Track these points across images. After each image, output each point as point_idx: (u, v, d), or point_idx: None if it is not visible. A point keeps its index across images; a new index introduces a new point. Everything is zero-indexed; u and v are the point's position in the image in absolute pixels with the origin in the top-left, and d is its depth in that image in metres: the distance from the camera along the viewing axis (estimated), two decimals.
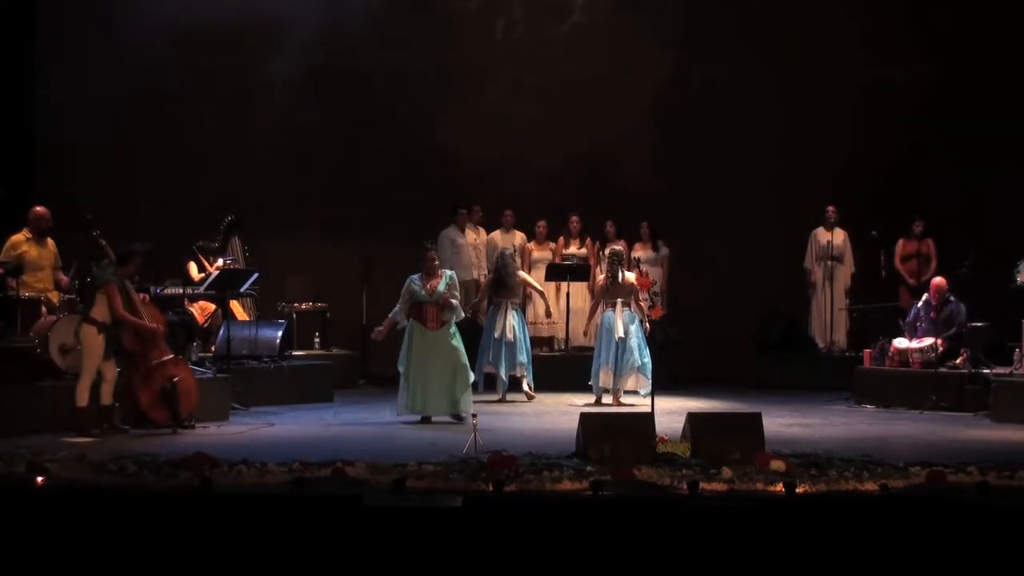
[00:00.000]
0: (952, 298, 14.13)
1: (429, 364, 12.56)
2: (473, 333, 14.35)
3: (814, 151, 17.22)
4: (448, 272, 12.96)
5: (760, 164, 17.42)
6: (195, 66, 16.89)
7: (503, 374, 14.10)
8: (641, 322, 13.74)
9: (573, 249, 16.44)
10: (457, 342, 12.72)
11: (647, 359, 13.66)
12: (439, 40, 17.75)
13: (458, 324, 12.90)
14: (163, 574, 7.98)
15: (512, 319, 14.14)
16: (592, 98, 17.66)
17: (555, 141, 17.35)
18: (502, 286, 14.27)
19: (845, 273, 16.62)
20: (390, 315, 12.85)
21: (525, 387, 14.23)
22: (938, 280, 14.40)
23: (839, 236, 16.60)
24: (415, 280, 12.77)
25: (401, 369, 12.69)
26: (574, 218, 16.53)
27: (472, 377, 12.84)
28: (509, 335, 14.05)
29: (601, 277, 14.24)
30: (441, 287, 12.68)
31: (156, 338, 11.70)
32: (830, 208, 16.58)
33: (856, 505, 8.50)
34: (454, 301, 12.70)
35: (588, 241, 16.52)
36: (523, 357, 14.16)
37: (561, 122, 17.48)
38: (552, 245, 16.53)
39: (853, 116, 17.21)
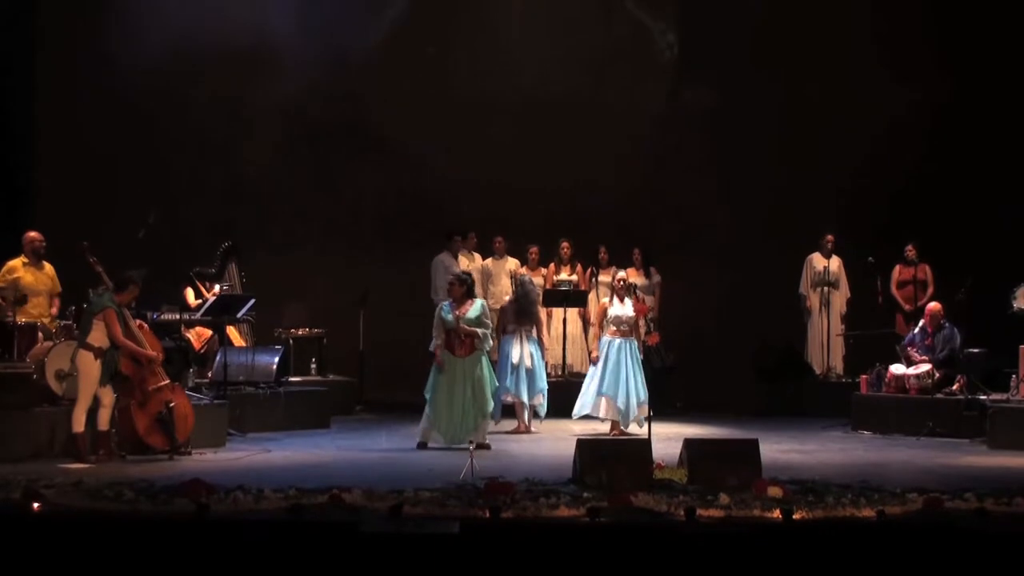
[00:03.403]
0: (946, 323, 14.14)
1: (455, 392, 12.50)
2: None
3: (811, 177, 17.26)
4: (479, 301, 12.94)
5: (756, 189, 17.45)
6: (192, 92, 16.92)
7: (527, 401, 13.92)
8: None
9: (564, 275, 16.44)
10: (485, 371, 12.68)
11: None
12: (434, 68, 17.82)
13: None
14: None
15: (529, 346, 14.00)
16: (587, 123, 17.72)
17: (549, 167, 17.40)
18: (524, 314, 14.07)
19: (841, 299, 16.62)
20: (432, 348, 12.79)
21: (535, 416, 14.07)
22: (933, 305, 14.42)
23: (835, 262, 16.63)
24: (445, 308, 12.76)
25: (427, 396, 12.64)
26: (564, 244, 16.53)
27: (492, 408, 12.81)
28: (528, 362, 13.88)
29: (604, 302, 14.11)
30: (471, 315, 12.65)
31: (153, 364, 11.70)
32: (829, 237, 16.56)
33: (853, 532, 8.49)
34: (481, 331, 12.64)
35: (579, 267, 16.53)
36: (543, 384, 13.99)
37: (555, 148, 17.53)
38: (544, 271, 16.52)
39: (851, 142, 17.23)
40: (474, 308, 12.72)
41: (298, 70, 17.19)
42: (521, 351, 13.88)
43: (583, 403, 13.60)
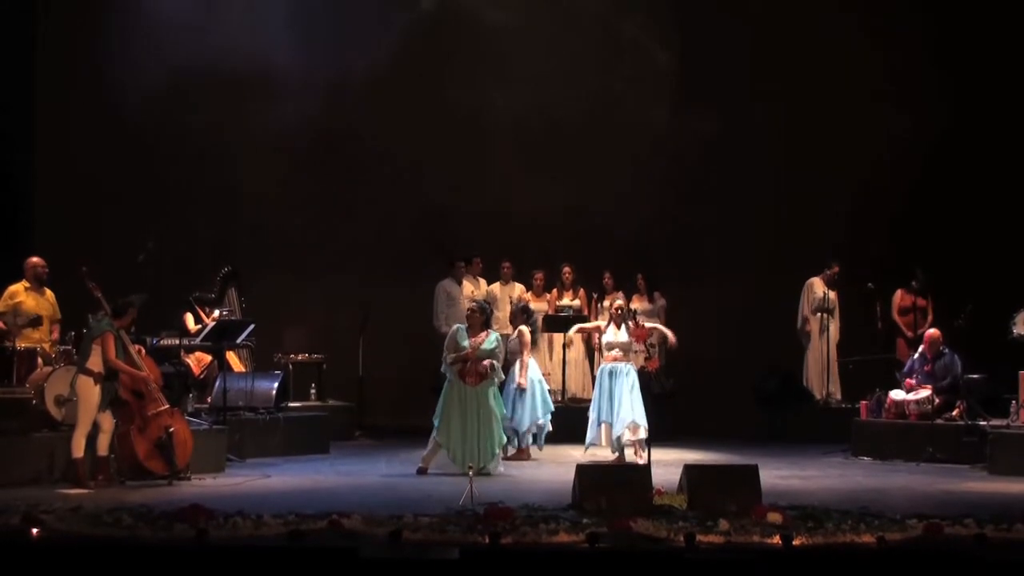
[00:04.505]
0: (946, 350, 14.13)
1: (467, 419, 12.47)
2: None
3: (811, 203, 17.29)
4: (495, 333, 12.90)
5: (757, 215, 17.48)
6: (192, 117, 16.95)
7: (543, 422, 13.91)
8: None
9: (566, 300, 16.44)
10: (495, 401, 12.67)
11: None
12: (437, 93, 17.85)
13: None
14: None
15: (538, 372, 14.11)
16: (590, 150, 17.77)
17: (552, 193, 17.43)
18: (535, 342, 14.24)
19: (835, 327, 16.56)
20: (443, 370, 12.74)
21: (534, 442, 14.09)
22: (932, 332, 14.41)
23: (833, 291, 16.59)
24: (461, 331, 12.74)
25: (436, 423, 12.59)
26: (567, 269, 16.54)
27: (504, 438, 12.80)
28: (539, 387, 14.00)
29: (600, 324, 14.08)
30: (487, 346, 12.63)
31: (151, 389, 11.68)
32: (836, 268, 16.49)
33: (853, 558, 8.48)
34: (496, 363, 12.63)
35: (582, 292, 16.53)
36: (551, 406, 14.03)
37: (558, 174, 17.56)
38: (548, 296, 16.52)
39: (851, 168, 17.27)
40: (490, 340, 12.69)
41: (298, 95, 17.23)
42: (539, 375, 13.98)
43: (590, 435, 13.57)
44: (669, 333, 13.75)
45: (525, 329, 14.08)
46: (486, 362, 12.56)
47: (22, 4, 16.32)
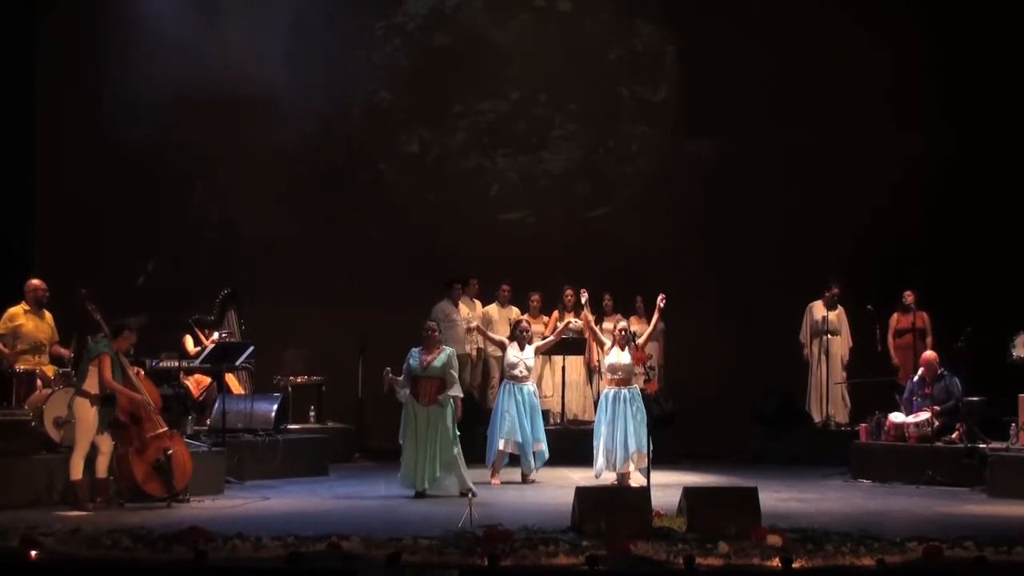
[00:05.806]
0: (944, 372, 14.13)
1: (421, 439, 12.49)
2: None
3: (814, 226, 17.30)
4: (448, 349, 12.91)
5: (759, 238, 17.49)
6: (192, 140, 16.95)
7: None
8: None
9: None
10: (448, 420, 12.63)
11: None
12: (436, 115, 17.88)
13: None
14: None
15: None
16: (592, 172, 17.80)
17: (553, 215, 17.43)
18: None
19: (844, 347, 16.53)
20: (398, 387, 12.79)
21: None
22: (928, 355, 14.38)
23: (836, 312, 16.53)
24: (414, 353, 12.75)
25: (401, 442, 12.66)
26: (568, 291, 16.51)
27: (455, 455, 12.67)
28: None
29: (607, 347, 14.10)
30: (437, 363, 12.64)
31: (150, 411, 11.67)
32: (835, 289, 16.49)
33: None
34: (447, 379, 12.64)
35: (583, 314, 16.49)
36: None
37: (559, 197, 17.58)
38: (546, 319, 16.50)
39: (853, 192, 17.27)
40: (439, 358, 12.69)
41: (298, 118, 17.25)
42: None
43: (598, 464, 13.49)
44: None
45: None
46: (434, 385, 12.56)
47: (22, 25, 16.35)
